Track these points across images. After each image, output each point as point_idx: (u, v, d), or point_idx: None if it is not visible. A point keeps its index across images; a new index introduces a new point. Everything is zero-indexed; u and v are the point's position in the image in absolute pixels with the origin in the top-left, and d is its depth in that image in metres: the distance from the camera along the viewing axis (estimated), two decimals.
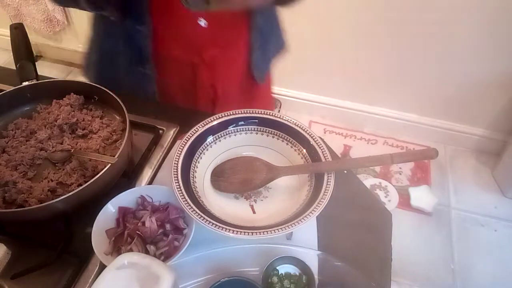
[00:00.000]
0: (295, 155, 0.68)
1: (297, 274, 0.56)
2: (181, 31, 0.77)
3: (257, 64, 0.87)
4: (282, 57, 0.95)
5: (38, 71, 0.76)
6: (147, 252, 0.55)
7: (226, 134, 0.70)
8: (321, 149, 0.65)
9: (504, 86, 1.74)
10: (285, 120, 0.70)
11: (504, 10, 1.51)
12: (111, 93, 0.71)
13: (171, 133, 0.77)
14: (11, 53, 0.76)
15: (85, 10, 0.70)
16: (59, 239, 0.59)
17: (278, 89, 2.09)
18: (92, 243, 0.54)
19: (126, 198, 0.61)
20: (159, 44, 0.76)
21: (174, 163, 0.62)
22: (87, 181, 0.57)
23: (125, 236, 0.57)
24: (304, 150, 0.68)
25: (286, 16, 0.87)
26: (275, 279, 0.55)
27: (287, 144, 0.70)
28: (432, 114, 1.95)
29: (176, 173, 0.61)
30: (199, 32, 0.76)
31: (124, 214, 0.60)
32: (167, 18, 0.74)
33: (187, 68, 0.81)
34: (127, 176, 0.68)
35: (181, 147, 0.65)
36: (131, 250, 0.55)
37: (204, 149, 0.68)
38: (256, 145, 0.71)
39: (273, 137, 0.70)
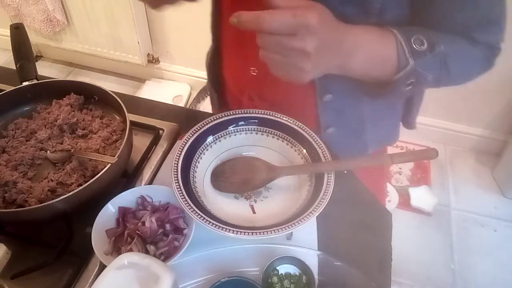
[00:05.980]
0: (295, 155, 0.68)
1: (297, 274, 0.56)
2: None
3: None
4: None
5: (38, 71, 0.76)
6: (147, 252, 0.55)
7: (226, 134, 0.70)
8: (321, 149, 0.65)
9: (503, 86, 1.74)
10: (285, 120, 0.70)
11: None
12: (111, 93, 0.71)
13: (171, 133, 0.77)
14: (11, 53, 0.76)
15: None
16: (59, 239, 0.59)
17: None
18: (92, 243, 0.55)
19: (126, 198, 0.61)
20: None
21: (174, 163, 0.62)
22: (87, 181, 0.57)
23: (125, 236, 0.57)
24: (304, 150, 0.68)
25: None
26: (275, 279, 0.55)
27: (287, 144, 0.70)
28: (431, 114, 1.95)
29: (176, 173, 0.61)
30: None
31: (124, 214, 0.60)
32: None
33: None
34: (127, 176, 0.68)
35: (181, 147, 0.65)
36: (131, 250, 0.55)
37: (204, 149, 0.68)
38: (256, 145, 0.71)
39: (273, 137, 0.70)
